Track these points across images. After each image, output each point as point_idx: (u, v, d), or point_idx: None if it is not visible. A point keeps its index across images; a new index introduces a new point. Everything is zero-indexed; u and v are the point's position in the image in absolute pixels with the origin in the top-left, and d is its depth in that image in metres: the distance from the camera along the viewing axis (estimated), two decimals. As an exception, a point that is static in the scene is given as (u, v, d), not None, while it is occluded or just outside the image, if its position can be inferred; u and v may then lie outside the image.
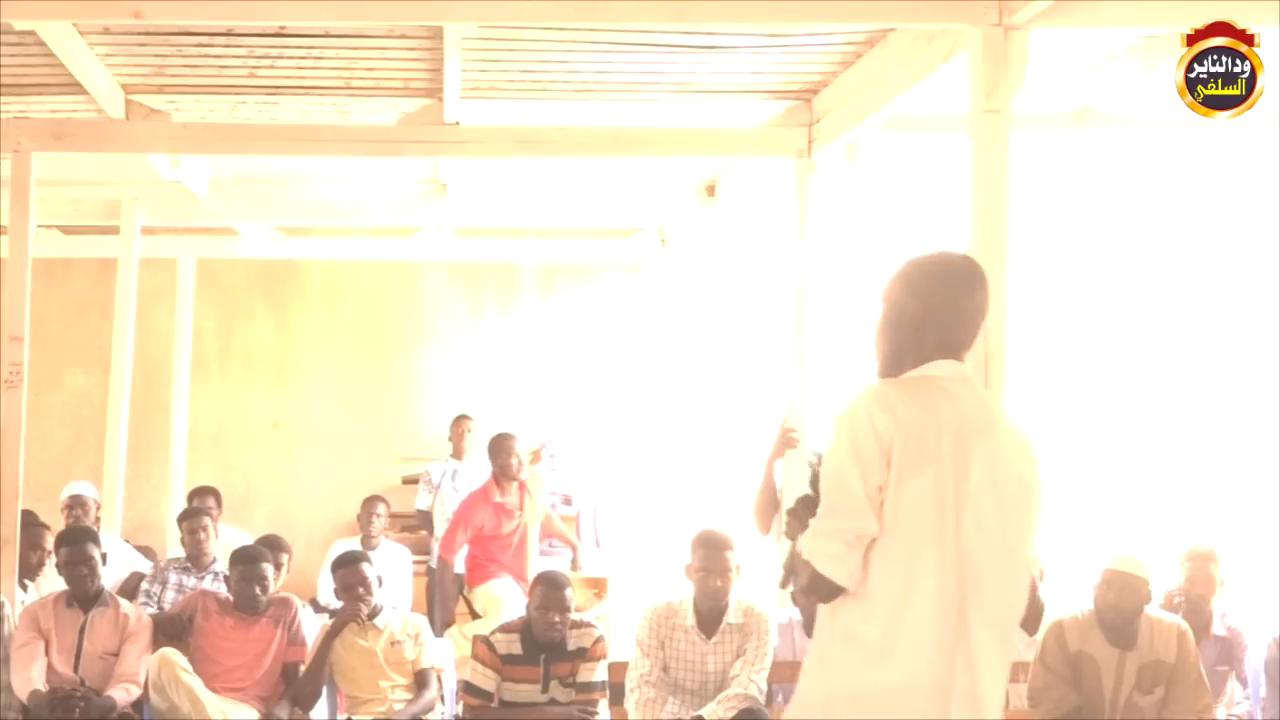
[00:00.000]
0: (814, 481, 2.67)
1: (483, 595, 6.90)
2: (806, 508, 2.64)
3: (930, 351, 2.55)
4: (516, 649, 5.02)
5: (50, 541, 5.94)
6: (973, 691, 2.42)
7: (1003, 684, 2.53)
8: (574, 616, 5.13)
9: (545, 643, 4.98)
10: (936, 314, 2.55)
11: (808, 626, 4.70)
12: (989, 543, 2.43)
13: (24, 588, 5.84)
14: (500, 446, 7.02)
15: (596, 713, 5.01)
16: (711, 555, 4.72)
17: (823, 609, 2.55)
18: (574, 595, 5.10)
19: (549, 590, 5.00)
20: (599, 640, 5.08)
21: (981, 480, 2.43)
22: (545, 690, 5.00)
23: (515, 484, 7.04)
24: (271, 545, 5.91)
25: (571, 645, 5.03)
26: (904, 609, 2.40)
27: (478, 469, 7.86)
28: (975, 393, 2.57)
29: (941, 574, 2.40)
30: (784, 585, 3.00)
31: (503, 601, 6.71)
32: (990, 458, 2.45)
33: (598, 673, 5.03)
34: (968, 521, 2.42)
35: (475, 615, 6.97)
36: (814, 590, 2.52)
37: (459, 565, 7.14)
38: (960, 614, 2.41)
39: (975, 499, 2.42)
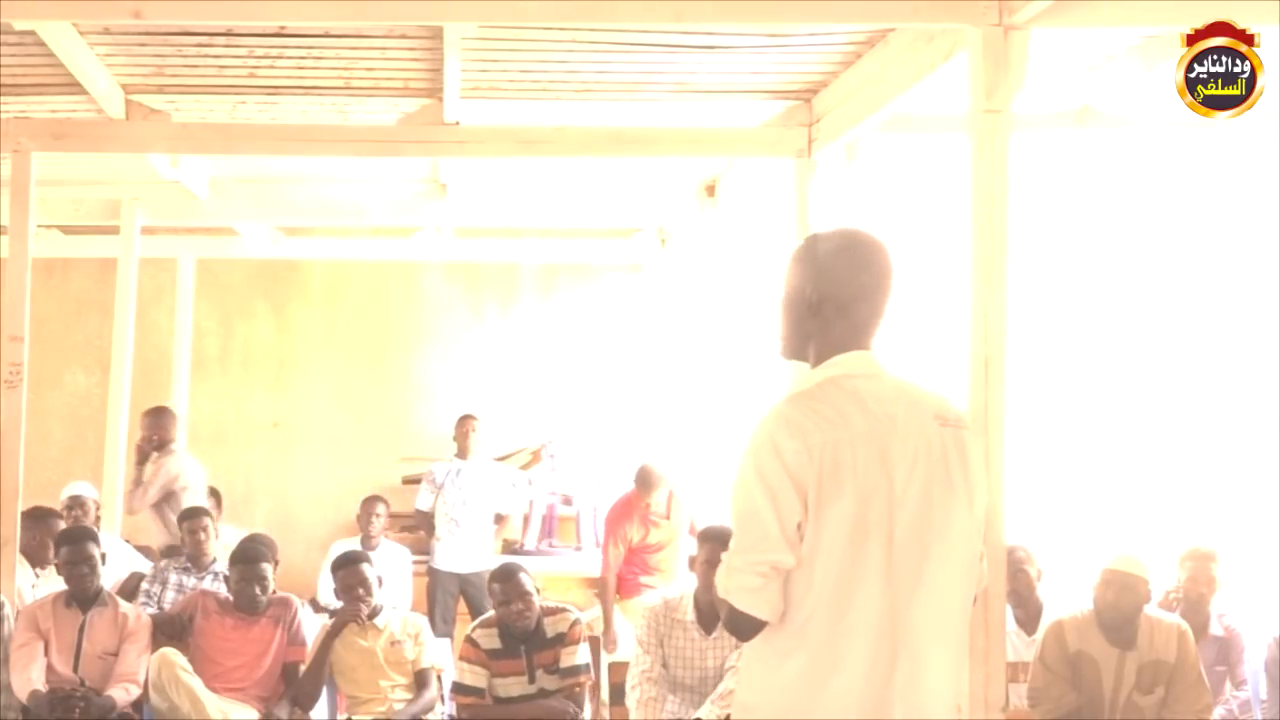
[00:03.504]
0: None
1: (633, 610, 6.70)
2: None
3: (835, 341, 2.42)
4: (497, 643, 5.04)
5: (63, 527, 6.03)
6: (916, 694, 2.31)
7: (956, 677, 2.42)
8: (548, 603, 5.15)
9: (521, 633, 4.99)
10: (839, 301, 2.42)
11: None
12: (923, 540, 2.32)
13: (36, 575, 5.88)
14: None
15: (581, 709, 5.01)
16: (718, 550, 4.72)
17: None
18: (529, 579, 5.07)
19: (503, 584, 5.02)
20: (575, 623, 5.09)
21: (904, 479, 2.31)
22: (532, 681, 5.01)
23: (666, 490, 6.97)
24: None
25: (550, 633, 5.05)
26: (834, 644, 2.29)
27: (482, 469, 7.87)
28: (885, 384, 2.41)
29: (872, 599, 2.28)
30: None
31: None
32: (911, 454, 2.33)
33: (579, 655, 5.04)
34: (899, 526, 2.30)
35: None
36: (735, 629, 2.39)
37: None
38: (897, 627, 2.29)
39: (901, 501, 2.30)
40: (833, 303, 2.42)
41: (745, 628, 2.36)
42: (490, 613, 5.21)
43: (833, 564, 2.29)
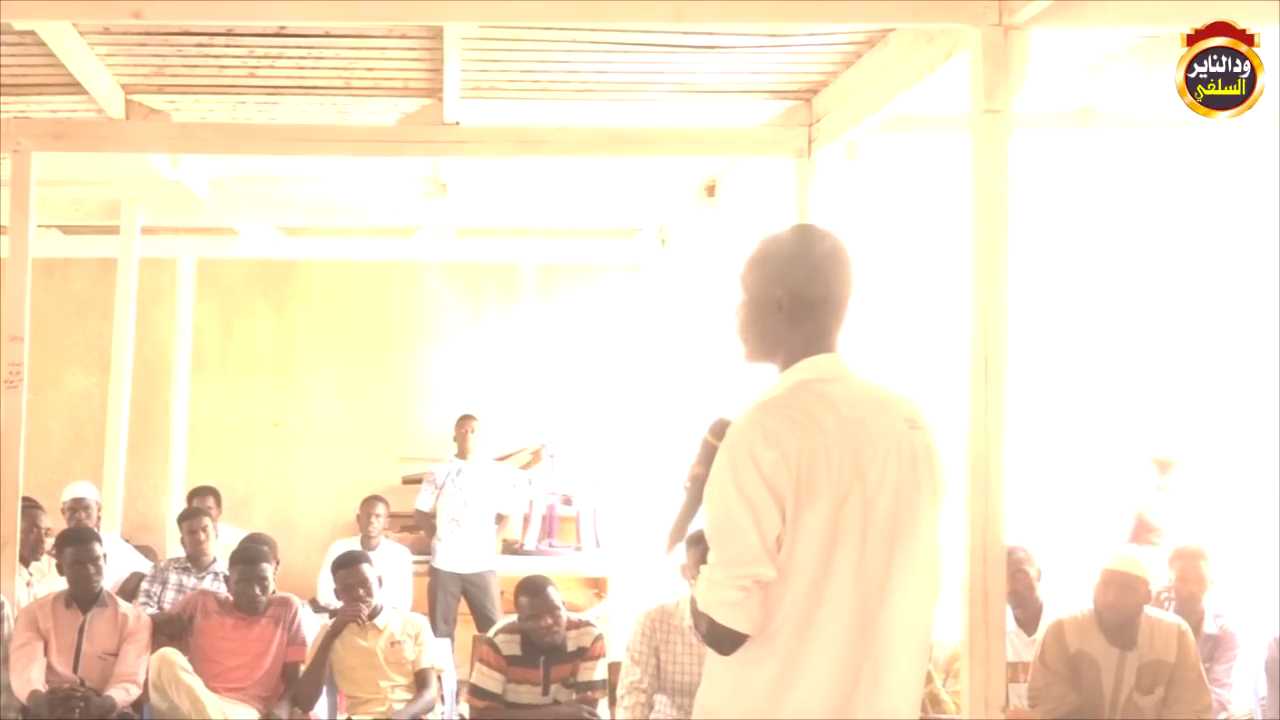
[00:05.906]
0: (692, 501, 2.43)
1: None
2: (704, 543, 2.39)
3: (803, 344, 2.39)
4: (517, 650, 5.03)
5: (45, 520, 6.11)
6: (880, 697, 2.29)
7: (919, 681, 2.41)
8: (573, 616, 5.13)
9: (546, 645, 4.99)
10: (806, 301, 2.39)
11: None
12: (891, 543, 2.29)
13: (26, 566, 5.87)
14: None
15: (597, 715, 5.01)
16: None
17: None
18: (558, 592, 5.06)
19: (532, 598, 4.98)
20: (598, 639, 5.08)
21: (876, 482, 2.29)
22: (546, 693, 5.01)
23: None
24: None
25: (571, 646, 5.03)
26: (803, 650, 2.26)
27: (482, 469, 7.86)
28: (854, 386, 2.38)
29: (842, 604, 2.26)
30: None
31: None
32: (882, 457, 2.30)
33: (598, 671, 5.04)
34: (871, 529, 2.28)
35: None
36: (715, 643, 2.33)
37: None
38: (864, 630, 2.27)
39: (873, 505, 2.28)
40: (800, 304, 2.39)
41: (726, 642, 2.31)
42: (513, 619, 5.20)
43: (807, 573, 2.26)
